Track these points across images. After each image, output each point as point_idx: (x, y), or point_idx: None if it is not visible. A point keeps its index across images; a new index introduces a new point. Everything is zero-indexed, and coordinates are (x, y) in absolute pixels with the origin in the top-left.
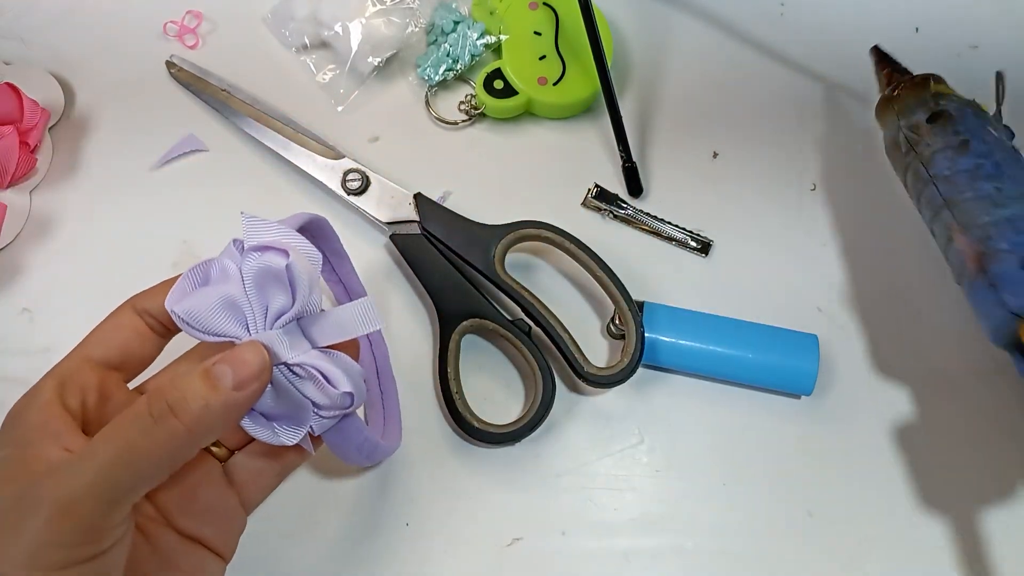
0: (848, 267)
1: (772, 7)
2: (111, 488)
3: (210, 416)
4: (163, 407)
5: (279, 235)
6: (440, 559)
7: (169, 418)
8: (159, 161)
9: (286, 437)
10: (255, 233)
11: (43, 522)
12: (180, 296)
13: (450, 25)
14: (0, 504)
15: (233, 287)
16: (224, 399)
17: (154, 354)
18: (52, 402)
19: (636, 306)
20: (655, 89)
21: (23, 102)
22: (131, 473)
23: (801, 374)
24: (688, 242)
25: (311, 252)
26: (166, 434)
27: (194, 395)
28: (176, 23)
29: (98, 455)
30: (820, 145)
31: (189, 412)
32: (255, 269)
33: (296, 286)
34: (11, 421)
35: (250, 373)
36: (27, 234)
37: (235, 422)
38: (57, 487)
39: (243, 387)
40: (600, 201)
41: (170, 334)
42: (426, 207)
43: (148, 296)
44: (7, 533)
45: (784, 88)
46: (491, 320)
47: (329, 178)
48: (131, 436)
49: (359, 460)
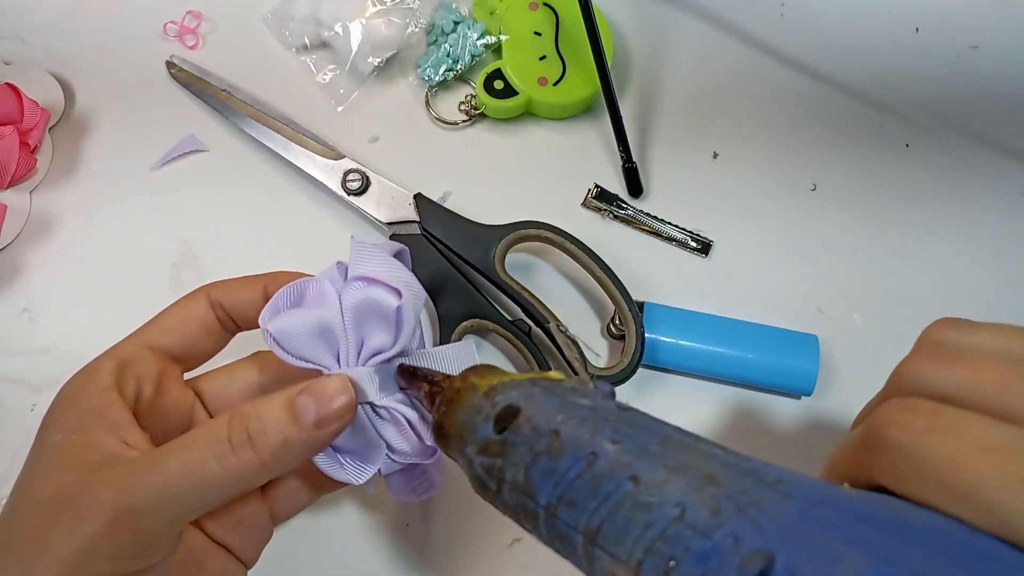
0: (848, 267)
1: (772, 7)
2: (174, 508)
3: (287, 452)
4: (243, 436)
5: (388, 268)
6: (440, 559)
7: (246, 449)
8: (159, 161)
9: (353, 475)
10: (362, 261)
11: (99, 528)
12: (273, 313)
13: (450, 25)
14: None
15: (331, 314)
16: (304, 436)
17: (217, 349)
18: (110, 387)
19: (636, 306)
20: (655, 89)
21: (23, 102)
22: (197, 496)
23: (801, 374)
24: (688, 242)
25: (417, 289)
26: (240, 464)
27: (275, 428)
28: (176, 23)
29: (168, 469)
30: (820, 145)
31: (268, 446)
32: (357, 300)
33: (402, 328)
34: (66, 401)
35: (334, 411)
36: (27, 234)
37: (310, 457)
38: (121, 495)
39: (325, 425)
40: (600, 201)
41: (238, 330)
42: (426, 207)
43: (226, 288)
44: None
45: (784, 88)
46: (491, 320)
47: (329, 178)
48: (204, 458)
49: (410, 497)
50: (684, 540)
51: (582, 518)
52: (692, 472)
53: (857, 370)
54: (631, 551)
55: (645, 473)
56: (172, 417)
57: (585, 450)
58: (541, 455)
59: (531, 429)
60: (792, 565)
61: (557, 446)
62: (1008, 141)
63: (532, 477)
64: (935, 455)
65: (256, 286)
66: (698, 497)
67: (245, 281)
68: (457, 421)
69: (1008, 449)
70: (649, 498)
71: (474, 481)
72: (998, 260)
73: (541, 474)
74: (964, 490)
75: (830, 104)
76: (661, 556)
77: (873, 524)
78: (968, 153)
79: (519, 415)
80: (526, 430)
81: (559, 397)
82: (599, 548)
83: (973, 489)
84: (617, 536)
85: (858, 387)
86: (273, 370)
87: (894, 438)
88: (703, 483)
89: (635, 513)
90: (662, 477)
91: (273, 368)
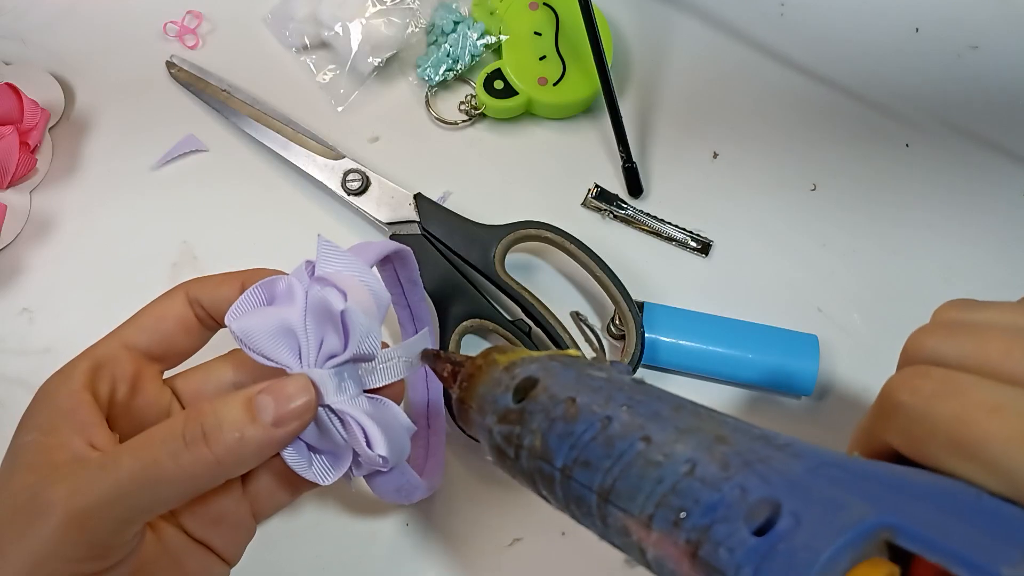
0: (848, 267)
1: (772, 7)
2: (128, 507)
3: (243, 450)
4: (197, 432)
5: (349, 268)
6: (440, 559)
7: (200, 445)
8: (159, 161)
9: (320, 475)
10: (325, 261)
11: (52, 531)
12: (241, 312)
13: (450, 25)
14: (13, 499)
15: (294, 314)
16: (261, 435)
17: (198, 347)
18: (83, 388)
19: (636, 306)
20: (655, 89)
21: (23, 102)
22: (151, 494)
23: (801, 374)
24: (688, 242)
25: (379, 290)
26: (194, 461)
27: (231, 425)
28: (176, 23)
29: (121, 468)
30: (820, 145)
31: (222, 443)
32: (315, 301)
33: (350, 333)
34: (40, 401)
35: (292, 410)
36: (27, 234)
37: (269, 456)
38: (72, 496)
39: (282, 424)
40: (600, 201)
41: (218, 327)
42: (426, 207)
43: (204, 286)
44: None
45: (784, 88)
46: (491, 320)
47: (329, 178)
48: (159, 455)
49: (397, 500)
50: (693, 493)
51: (596, 478)
52: (703, 433)
53: (857, 370)
54: (643, 506)
55: (657, 434)
56: (148, 416)
57: (599, 415)
58: (558, 420)
59: (548, 398)
60: (798, 513)
61: (573, 411)
62: (1008, 141)
63: (549, 441)
64: (944, 415)
65: (234, 283)
66: (707, 454)
67: (223, 278)
68: (478, 395)
69: (1013, 409)
70: (660, 456)
71: (493, 451)
72: (998, 260)
73: (558, 438)
74: (972, 448)
75: (830, 104)
76: (671, 509)
77: (880, 482)
78: (968, 153)
79: (537, 385)
80: (543, 399)
81: (576, 370)
82: (612, 505)
83: (980, 446)
84: (629, 493)
85: (858, 387)
86: (249, 369)
87: (906, 401)
88: (713, 442)
89: (646, 470)
90: (673, 437)
91: (249, 366)
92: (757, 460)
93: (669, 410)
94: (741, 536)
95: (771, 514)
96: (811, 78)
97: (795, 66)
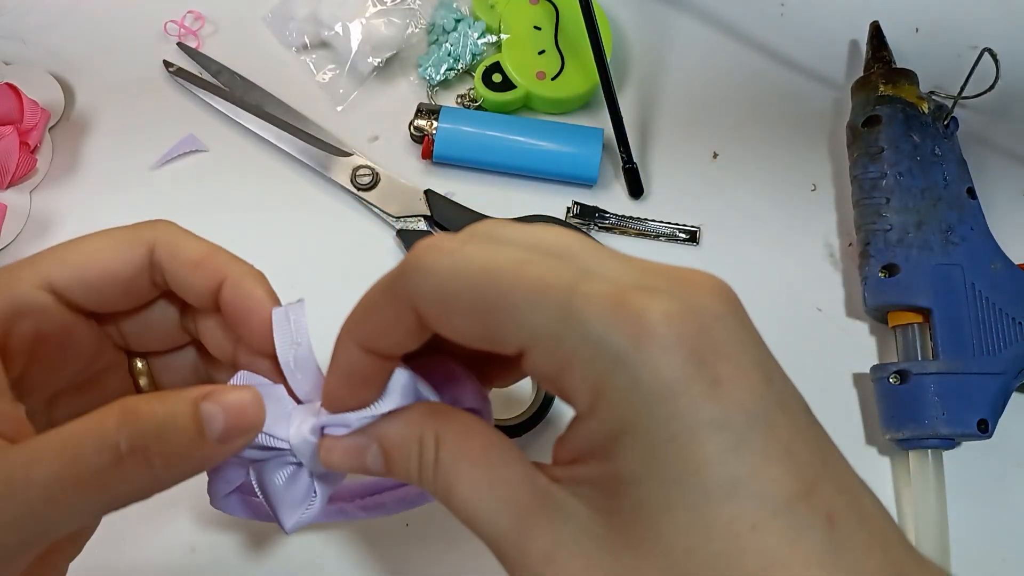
0: (848, 267)
1: (772, 7)
2: (31, 530)
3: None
4: (136, 443)
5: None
6: (440, 559)
7: (139, 462)
8: (159, 161)
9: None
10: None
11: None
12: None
13: (451, 24)
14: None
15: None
16: (205, 453)
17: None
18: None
19: None
20: (655, 89)
21: (23, 102)
22: (66, 514)
23: (585, 161)
24: (676, 235)
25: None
26: (127, 478)
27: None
28: (176, 23)
29: (32, 485)
30: (820, 145)
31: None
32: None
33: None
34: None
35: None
36: (27, 234)
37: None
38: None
39: (228, 440)
40: (581, 219)
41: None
42: (437, 202)
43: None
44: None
45: (784, 88)
46: None
47: (338, 175)
48: (81, 471)
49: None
50: (879, 241)
51: (859, 194)
52: None
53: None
54: (860, 225)
55: (894, 203)
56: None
57: (884, 170)
58: (867, 155)
59: (874, 139)
60: None
61: (876, 159)
62: (1007, 141)
63: (858, 160)
64: (477, 261)
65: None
66: None
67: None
68: (856, 101)
69: (533, 262)
70: (884, 212)
71: (848, 129)
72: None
73: (860, 164)
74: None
75: (830, 104)
76: (866, 237)
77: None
78: (967, 153)
79: (878, 125)
80: (872, 138)
81: (907, 126)
82: (856, 210)
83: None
84: (862, 215)
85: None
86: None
87: (431, 261)
88: None
89: (872, 213)
90: (899, 207)
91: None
92: None
93: None
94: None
95: None
96: (811, 78)
97: (795, 66)
